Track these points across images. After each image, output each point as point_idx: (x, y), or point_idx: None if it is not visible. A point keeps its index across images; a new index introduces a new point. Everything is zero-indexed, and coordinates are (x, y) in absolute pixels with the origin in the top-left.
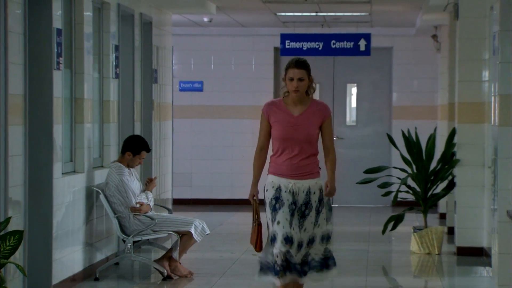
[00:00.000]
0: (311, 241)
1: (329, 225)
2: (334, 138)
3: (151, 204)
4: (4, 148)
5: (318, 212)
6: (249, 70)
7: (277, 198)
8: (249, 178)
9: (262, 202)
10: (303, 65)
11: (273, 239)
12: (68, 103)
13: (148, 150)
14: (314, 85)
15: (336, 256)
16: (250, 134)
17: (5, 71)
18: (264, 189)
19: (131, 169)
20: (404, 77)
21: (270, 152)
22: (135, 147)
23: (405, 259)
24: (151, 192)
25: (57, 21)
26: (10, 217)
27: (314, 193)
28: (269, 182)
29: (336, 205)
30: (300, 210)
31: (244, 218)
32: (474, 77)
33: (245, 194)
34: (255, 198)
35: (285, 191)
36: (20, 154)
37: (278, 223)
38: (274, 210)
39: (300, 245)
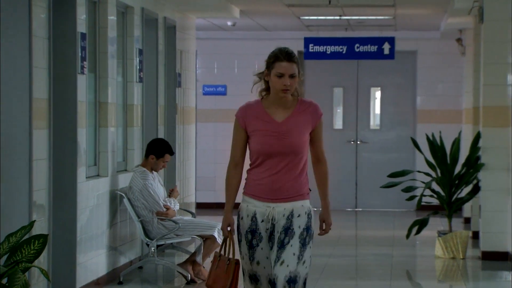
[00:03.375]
0: (292, 282)
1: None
2: (358, 142)
3: (176, 208)
4: (29, 152)
5: (304, 244)
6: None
7: (253, 232)
8: None
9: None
10: (295, 58)
11: (253, 279)
12: (92, 107)
13: (172, 153)
14: (302, 78)
15: (360, 260)
16: None
17: (30, 75)
18: (238, 215)
19: (154, 173)
20: (429, 81)
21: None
22: (159, 150)
23: (430, 264)
24: (175, 199)
25: (81, 25)
26: (34, 221)
27: (299, 215)
28: (243, 208)
29: (360, 209)
30: (279, 239)
31: None
32: (499, 81)
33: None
34: (230, 229)
35: (262, 220)
36: (44, 158)
37: (258, 263)
38: (251, 247)
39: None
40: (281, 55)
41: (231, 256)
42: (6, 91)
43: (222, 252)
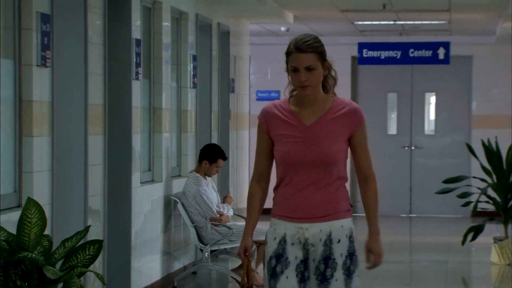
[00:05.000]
0: None
1: None
2: (412, 148)
3: (230, 214)
4: (84, 158)
5: (349, 274)
6: None
7: (279, 257)
8: None
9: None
10: (311, 46)
11: None
12: (146, 113)
13: (225, 158)
14: (334, 73)
15: (414, 267)
16: None
17: (85, 82)
18: (265, 241)
19: (208, 179)
20: (484, 86)
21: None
22: (212, 156)
23: (486, 270)
24: (229, 204)
25: (136, 32)
26: (90, 226)
27: (339, 241)
28: (269, 232)
29: (414, 215)
30: (318, 270)
31: None
32: None
33: None
34: (247, 253)
35: (292, 243)
36: (100, 164)
37: None
38: (274, 276)
39: None
40: (292, 46)
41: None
42: (62, 97)
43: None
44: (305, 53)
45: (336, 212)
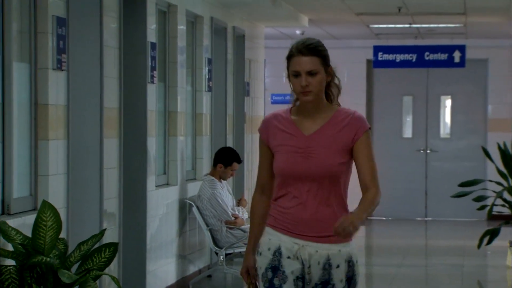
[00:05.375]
0: None
1: None
2: (428, 151)
3: (245, 217)
4: (100, 161)
5: None
6: (341, 83)
7: (275, 269)
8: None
9: None
10: (314, 50)
11: None
12: (161, 116)
13: (240, 161)
14: (338, 81)
15: (430, 270)
16: None
17: (101, 85)
18: (256, 252)
19: (223, 182)
20: (500, 89)
21: None
22: (227, 159)
23: (501, 274)
24: (244, 207)
25: (151, 35)
26: (105, 229)
27: (338, 266)
28: (264, 242)
29: (430, 219)
30: None
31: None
32: None
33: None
34: (250, 273)
35: (288, 257)
36: (115, 167)
37: None
38: None
39: None
40: (294, 49)
41: None
42: (77, 100)
43: None
44: (307, 57)
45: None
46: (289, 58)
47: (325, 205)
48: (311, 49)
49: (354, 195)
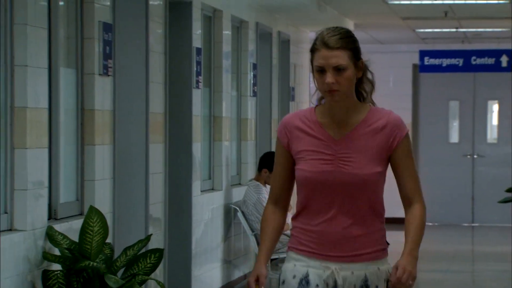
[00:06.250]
0: None
1: None
2: (475, 156)
3: (289, 222)
4: (145, 166)
5: None
6: (387, 88)
7: None
8: (394, 195)
9: None
10: (342, 41)
11: None
12: (206, 121)
13: None
14: (371, 76)
15: (477, 276)
16: None
17: (147, 90)
18: (279, 281)
19: (268, 186)
20: None
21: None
22: (272, 164)
23: None
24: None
25: (197, 40)
26: (151, 234)
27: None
28: (287, 269)
29: (477, 224)
30: None
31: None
32: None
33: (393, 211)
34: (258, 282)
35: (316, 285)
36: (161, 172)
37: None
38: None
39: None
40: (318, 41)
41: None
42: (123, 105)
43: None
44: (334, 50)
45: (372, 251)
46: (313, 51)
47: (358, 220)
48: (338, 40)
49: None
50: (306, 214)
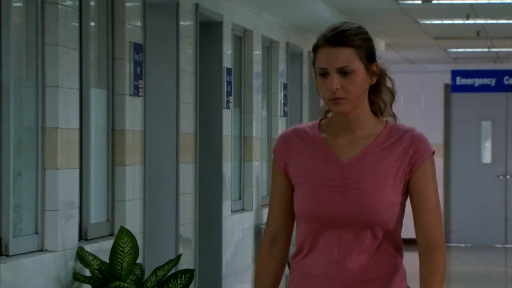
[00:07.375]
0: None
1: None
2: (508, 177)
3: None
4: (176, 186)
5: None
6: (418, 108)
7: None
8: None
9: None
10: (349, 38)
11: None
12: (237, 141)
13: None
14: (391, 84)
15: None
16: None
17: (177, 110)
18: None
19: None
20: None
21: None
22: None
23: None
24: None
25: (227, 60)
26: (181, 255)
27: None
28: None
29: (510, 246)
30: None
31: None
32: None
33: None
34: None
35: None
36: (191, 192)
37: None
38: None
39: None
40: (321, 37)
41: None
42: (154, 126)
43: None
44: (339, 48)
45: None
46: (315, 49)
47: (372, 262)
48: (345, 36)
49: None
50: (308, 254)
